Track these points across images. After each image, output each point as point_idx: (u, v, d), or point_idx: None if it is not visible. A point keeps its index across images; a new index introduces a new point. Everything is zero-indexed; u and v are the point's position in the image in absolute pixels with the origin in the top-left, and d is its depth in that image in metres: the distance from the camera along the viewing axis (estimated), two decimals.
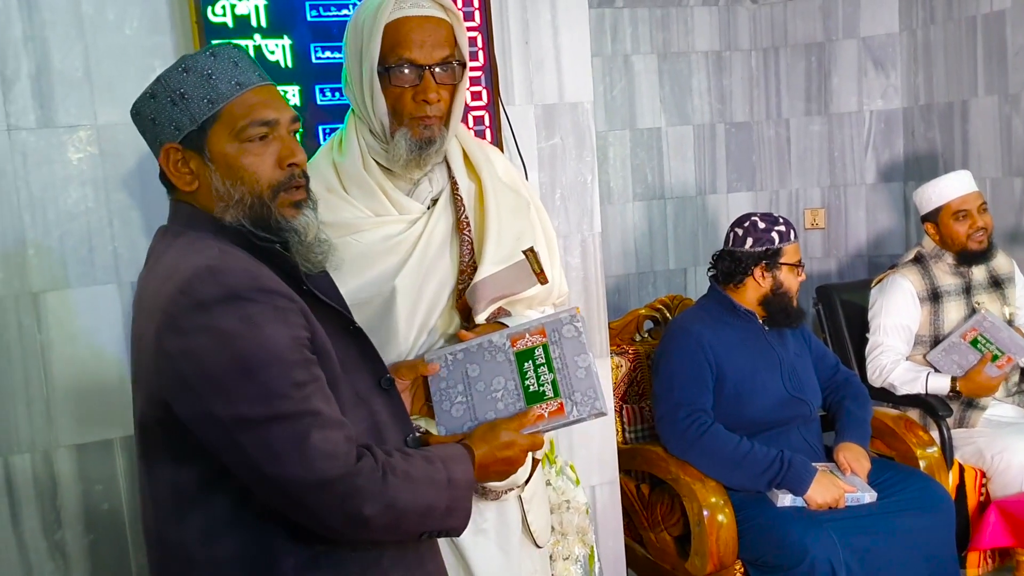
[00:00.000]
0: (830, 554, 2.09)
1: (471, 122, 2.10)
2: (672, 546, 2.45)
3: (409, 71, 1.44)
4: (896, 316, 2.77)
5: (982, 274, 2.81)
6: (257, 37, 1.94)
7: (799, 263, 2.45)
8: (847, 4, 3.58)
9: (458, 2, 2.00)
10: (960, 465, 2.62)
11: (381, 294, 1.46)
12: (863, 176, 3.68)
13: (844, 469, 2.34)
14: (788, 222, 2.47)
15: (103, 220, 1.90)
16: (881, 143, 3.64)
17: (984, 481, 2.60)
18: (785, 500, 2.24)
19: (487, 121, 2.13)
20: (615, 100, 3.57)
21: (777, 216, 2.49)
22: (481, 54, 2.11)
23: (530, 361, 1.35)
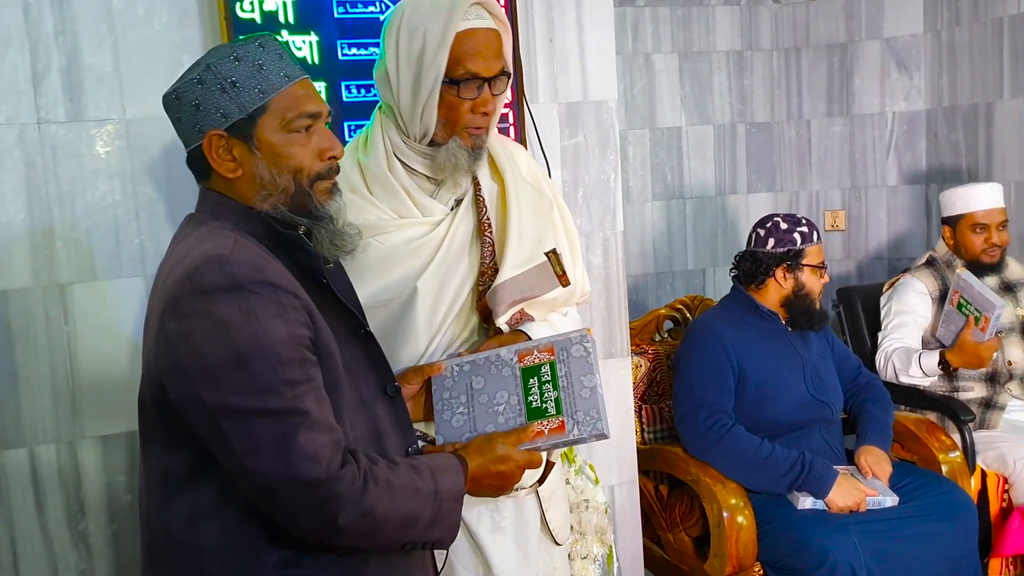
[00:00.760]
0: (851, 558, 2.07)
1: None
2: (690, 547, 2.45)
3: (476, 85, 1.44)
4: (906, 312, 2.75)
5: (994, 280, 2.79)
6: (284, 33, 1.95)
7: (821, 265, 2.42)
8: (870, 5, 3.56)
9: None
10: (982, 470, 2.60)
11: (401, 295, 1.46)
12: (884, 178, 3.65)
13: (865, 473, 2.33)
14: (811, 223, 2.44)
15: (130, 213, 1.91)
16: (903, 145, 3.61)
17: (1007, 487, 2.58)
18: (806, 503, 2.23)
19: (511, 119, 2.13)
20: (635, 99, 3.56)
21: (800, 217, 2.46)
22: None
23: (535, 378, 1.35)
